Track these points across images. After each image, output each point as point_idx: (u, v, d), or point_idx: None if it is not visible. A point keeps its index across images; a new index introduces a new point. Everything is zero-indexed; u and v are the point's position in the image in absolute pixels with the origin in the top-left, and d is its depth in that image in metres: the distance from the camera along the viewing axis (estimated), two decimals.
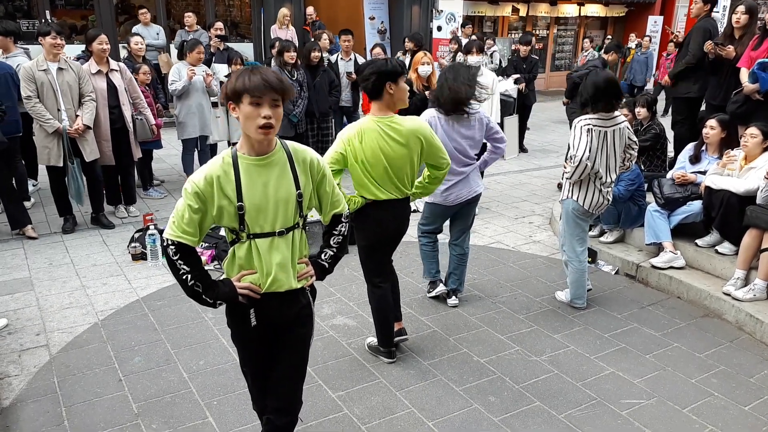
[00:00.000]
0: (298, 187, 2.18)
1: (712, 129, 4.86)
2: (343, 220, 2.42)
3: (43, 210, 6.15)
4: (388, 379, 3.47)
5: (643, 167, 5.73)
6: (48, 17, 10.25)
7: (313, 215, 2.49)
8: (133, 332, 3.91)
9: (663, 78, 11.71)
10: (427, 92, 5.89)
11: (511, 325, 4.10)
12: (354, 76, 7.51)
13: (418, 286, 4.65)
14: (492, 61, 10.36)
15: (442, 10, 12.96)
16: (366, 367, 3.59)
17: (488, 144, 4.09)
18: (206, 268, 2.31)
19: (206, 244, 5.05)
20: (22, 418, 3.08)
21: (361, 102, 8.13)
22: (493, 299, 4.48)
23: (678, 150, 5.70)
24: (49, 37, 5.11)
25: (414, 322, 4.11)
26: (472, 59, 6.14)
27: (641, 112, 5.96)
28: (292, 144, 2.24)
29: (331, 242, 2.42)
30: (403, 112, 3.36)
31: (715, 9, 6.33)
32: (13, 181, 5.69)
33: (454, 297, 4.35)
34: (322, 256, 2.42)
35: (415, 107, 6.07)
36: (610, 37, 14.93)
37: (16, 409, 3.15)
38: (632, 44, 13.98)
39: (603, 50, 8.36)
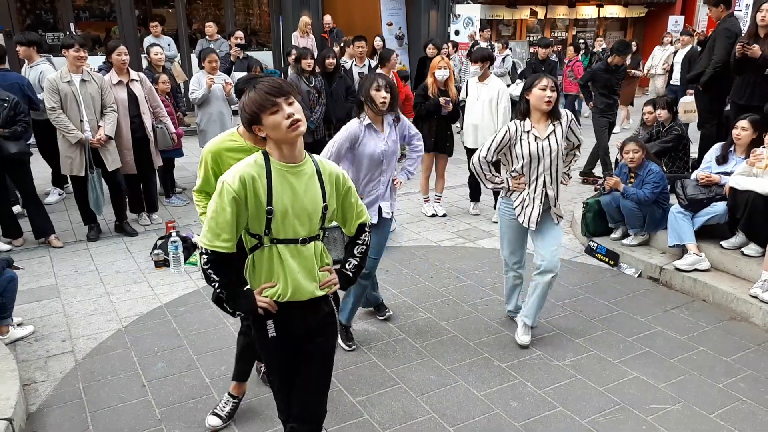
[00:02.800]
0: (324, 199, 2.21)
1: (744, 130, 4.74)
2: (366, 229, 2.45)
3: (69, 218, 6.26)
4: (409, 385, 3.46)
5: (665, 168, 5.65)
6: (72, 29, 10.48)
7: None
8: (156, 338, 3.96)
9: (569, 89, 10.64)
10: (441, 98, 5.81)
11: (533, 329, 4.06)
12: None
13: (438, 290, 4.64)
14: (503, 65, 10.24)
15: (459, 14, 12.97)
16: (386, 372, 3.58)
17: None
18: None
19: None
20: (48, 424, 3.13)
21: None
22: None
23: (704, 150, 5.60)
24: (72, 49, 5.21)
25: (434, 327, 4.09)
26: (472, 69, 6.09)
27: (662, 113, 5.89)
28: (318, 158, 2.29)
29: (356, 252, 2.44)
30: (417, 118, 3.32)
31: (737, 8, 6.23)
32: (17, 191, 5.80)
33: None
34: (347, 265, 2.43)
35: (428, 113, 6.04)
36: (582, 40, 14.13)
37: (43, 414, 3.20)
38: (599, 48, 12.72)
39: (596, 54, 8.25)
